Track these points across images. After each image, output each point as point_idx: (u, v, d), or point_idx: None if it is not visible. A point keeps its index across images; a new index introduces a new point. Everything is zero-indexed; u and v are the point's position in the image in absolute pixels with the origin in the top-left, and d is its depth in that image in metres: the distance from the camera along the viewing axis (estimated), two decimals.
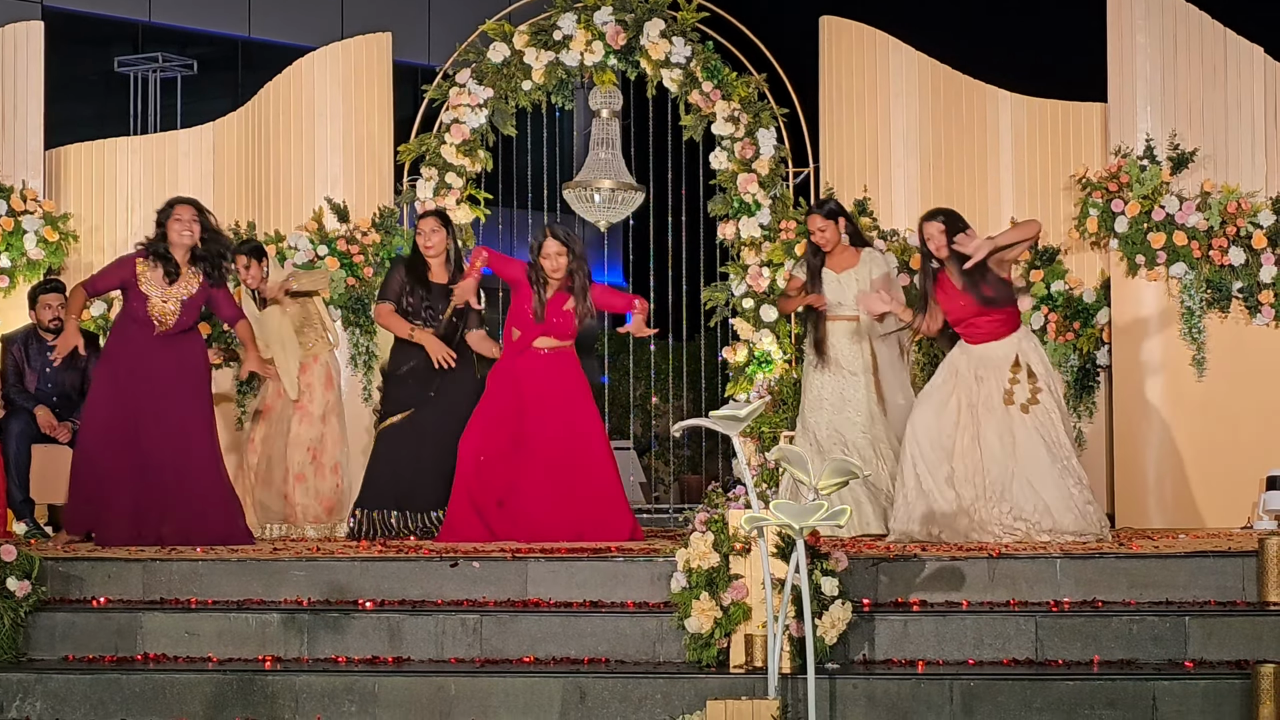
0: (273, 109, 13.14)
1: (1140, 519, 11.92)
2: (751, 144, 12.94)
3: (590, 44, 13.13)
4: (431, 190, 13.09)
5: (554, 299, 11.05)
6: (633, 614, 8.76)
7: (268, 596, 9.26)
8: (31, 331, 12.18)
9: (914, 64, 12.82)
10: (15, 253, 12.81)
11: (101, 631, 9.01)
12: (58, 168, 13.42)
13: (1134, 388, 12.11)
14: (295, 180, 12.97)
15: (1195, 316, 11.99)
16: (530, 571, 9.15)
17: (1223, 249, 11.94)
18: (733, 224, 13.00)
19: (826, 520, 7.43)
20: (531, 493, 10.95)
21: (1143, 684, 8.01)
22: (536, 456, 11.02)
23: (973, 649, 8.50)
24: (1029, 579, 8.90)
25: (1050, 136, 12.65)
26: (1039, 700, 8.01)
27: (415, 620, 8.84)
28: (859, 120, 12.84)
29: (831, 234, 11.30)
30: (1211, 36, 12.29)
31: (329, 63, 13.14)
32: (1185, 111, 12.23)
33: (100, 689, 8.54)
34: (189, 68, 23.32)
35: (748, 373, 12.83)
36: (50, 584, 9.29)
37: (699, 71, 13.04)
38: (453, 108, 13.20)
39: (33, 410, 11.92)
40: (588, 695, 8.25)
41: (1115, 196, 12.06)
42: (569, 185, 14.10)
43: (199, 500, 10.67)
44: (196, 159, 13.36)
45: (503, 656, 8.69)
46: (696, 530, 8.43)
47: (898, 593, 8.86)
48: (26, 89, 13.18)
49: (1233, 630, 8.41)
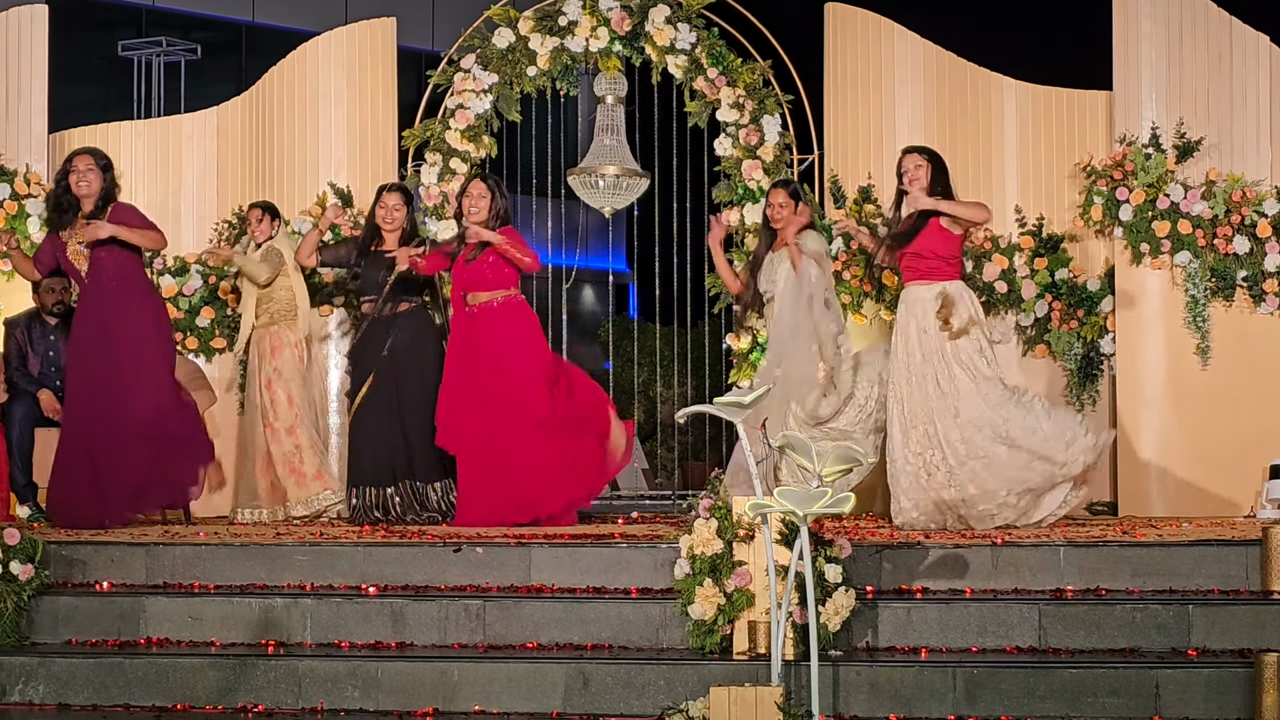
0: (277, 94, 13.13)
1: (1144, 507, 11.91)
2: (756, 130, 12.93)
3: (595, 30, 13.12)
4: (436, 176, 13.07)
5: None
6: (636, 600, 8.77)
7: (271, 581, 9.27)
8: (34, 315, 12.18)
9: (919, 51, 12.80)
10: (19, 236, 12.80)
11: (104, 616, 9.03)
12: (61, 152, 13.36)
13: (1138, 376, 12.10)
14: (299, 165, 12.95)
15: (1200, 305, 11.97)
16: (534, 557, 9.16)
17: (1227, 237, 11.92)
18: (737, 210, 12.99)
19: (831, 508, 7.44)
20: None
21: (1146, 672, 8.02)
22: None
23: (976, 636, 8.50)
24: (1032, 566, 8.91)
25: (1055, 124, 12.63)
26: (1042, 688, 8.01)
27: (419, 605, 8.85)
28: (863, 107, 12.82)
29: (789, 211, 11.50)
30: (1217, 24, 12.27)
31: (333, 48, 13.12)
32: (1190, 100, 12.21)
33: (103, 673, 8.56)
34: (193, 52, 23.29)
35: (751, 360, 12.81)
36: (53, 568, 9.31)
37: (704, 58, 13.02)
38: (457, 93, 13.18)
39: (36, 394, 11.92)
40: (591, 681, 8.26)
41: (1120, 185, 12.04)
42: (573, 171, 14.09)
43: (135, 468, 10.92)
44: (200, 143, 13.35)
45: (506, 642, 8.70)
46: (700, 517, 8.43)
47: (901, 580, 8.87)
48: (30, 72, 13.16)
49: (1236, 619, 8.41)
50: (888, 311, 12.10)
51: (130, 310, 11.02)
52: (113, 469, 10.83)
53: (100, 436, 10.86)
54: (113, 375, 10.90)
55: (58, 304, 12.06)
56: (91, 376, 10.89)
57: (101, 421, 10.86)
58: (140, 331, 11.03)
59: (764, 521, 7.83)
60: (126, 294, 11.03)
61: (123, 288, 11.02)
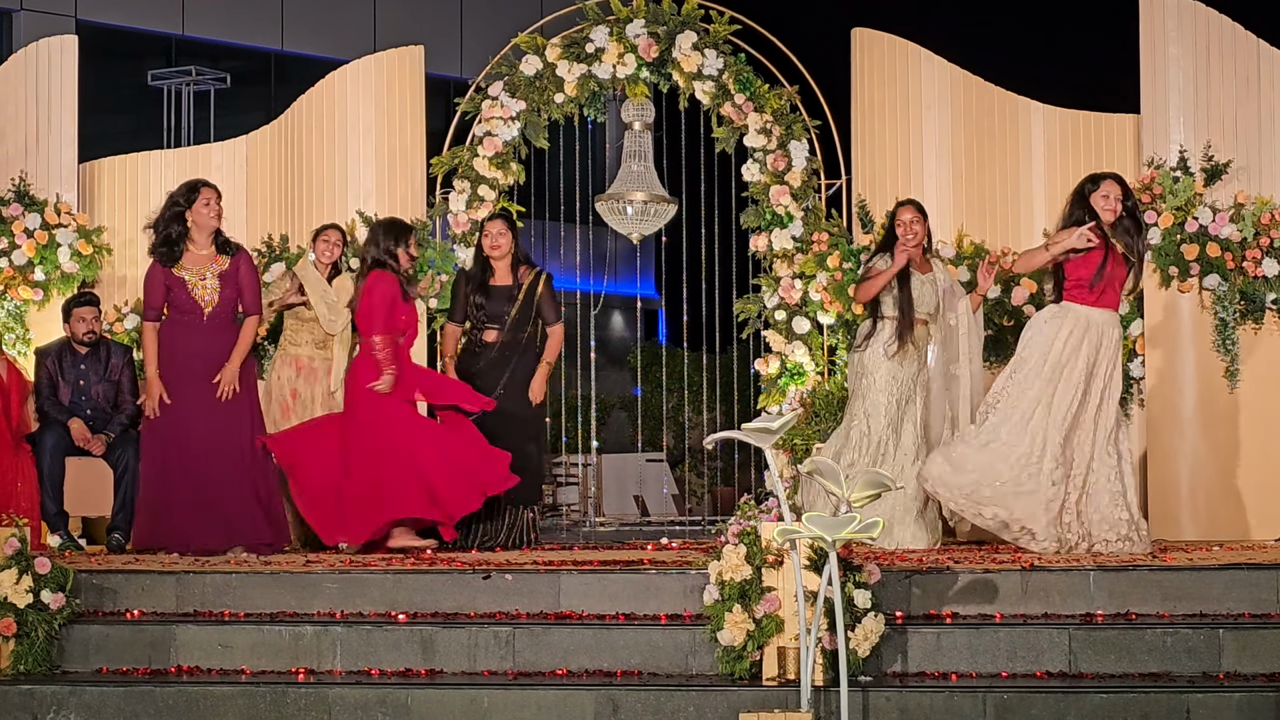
0: (305, 122, 13.17)
1: (1174, 531, 11.88)
2: (784, 156, 12.94)
3: (622, 56, 13.15)
4: (464, 203, 13.11)
5: None
6: (665, 626, 8.76)
7: (300, 609, 9.27)
8: (65, 344, 12.21)
9: (946, 75, 12.81)
10: (49, 266, 12.85)
11: (135, 644, 9.04)
12: (91, 181, 13.46)
13: (1167, 399, 12.08)
14: (328, 193, 12.99)
15: (1228, 328, 11.96)
16: (563, 584, 9.16)
17: (1256, 260, 11.91)
18: (765, 236, 13.00)
19: (860, 533, 7.43)
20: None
21: (1176, 696, 7.99)
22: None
23: (1006, 661, 8.48)
24: (1062, 591, 8.88)
25: (1083, 148, 12.63)
26: (1072, 713, 7.99)
27: (448, 632, 8.85)
28: (891, 132, 12.83)
29: (921, 231, 11.31)
30: (1245, 47, 12.26)
31: (361, 76, 13.16)
32: (1218, 123, 12.20)
33: (134, 701, 8.57)
34: (222, 81, 23.39)
35: (780, 385, 12.82)
36: (84, 596, 9.32)
37: (731, 84, 13.04)
38: (485, 120, 13.21)
39: (66, 423, 11.95)
40: (620, 708, 8.25)
41: (1148, 208, 12.03)
42: (601, 198, 14.11)
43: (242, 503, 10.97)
44: (229, 172, 13.38)
45: (535, 669, 8.70)
46: (729, 542, 8.42)
47: (930, 605, 8.85)
48: (60, 103, 13.22)
49: (1267, 643, 8.38)
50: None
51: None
52: (228, 498, 11.02)
53: (216, 468, 11.04)
54: (235, 412, 11.10)
55: (88, 333, 12.10)
56: (208, 410, 11.05)
57: (216, 455, 11.03)
58: (250, 375, 11.30)
59: (793, 547, 7.83)
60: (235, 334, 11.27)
61: (235, 328, 11.24)
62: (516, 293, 11.66)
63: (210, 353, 11.12)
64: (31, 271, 12.84)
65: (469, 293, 11.72)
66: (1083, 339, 10.28)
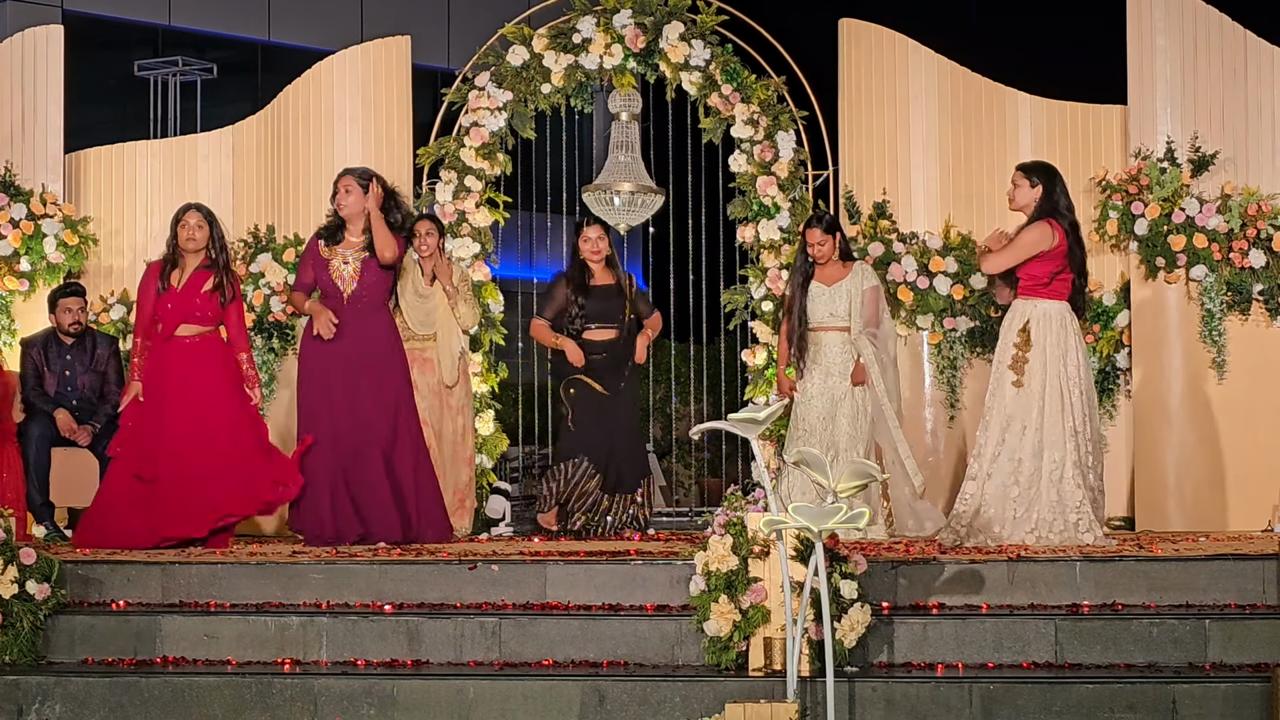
0: (292, 112, 13.15)
1: (1160, 522, 11.89)
2: (771, 147, 12.93)
3: (609, 47, 13.14)
4: (451, 193, 13.09)
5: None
6: (651, 617, 8.77)
7: (286, 599, 9.28)
8: (51, 335, 12.20)
9: (933, 66, 12.79)
10: (35, 256, 12.82)
11: (120, 634, 9.04)
12: (78, 171, 13.44)
13: (1154, 390, 12.08)
14: (315, 183, 12.95)
15: (1215, 319, 11.96)
16: (549, 574, 9.16)
17: (1243, 251, 11.91)
18: (752, 227, 12.99)
19: (845, 524, 7.44)
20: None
21: (1163, 687, 8.00)
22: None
23: (992, 652, 8.49)
24: (1048, 582, 8.90)
25: (1070, 139, 12.63)
26: (1059, 703, 8.00)
27: (434, 623, 8.85)
28: (878, 123, 12.81)
29: (829, 248, 11.36)
30: (1232, 38, 12.26)
31: (348, 66, 13.13)
32: (1205, 114, 12.20)
33: (119, 692, 8.57)
34: (209, 71, 23.35)
35: (767, 375, 12.81)
36: (70, 587, 9.31)
37: (718, 74, 13.03)
38: (472, 111, 13.20)
39: (52, 413, 11.94)
40: (606, 698, 8.26)
41: (1135, 199, 12.03)
42: (588, 188, 14.10)
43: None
44: (216, 162, 13.37)
45: (521, 659, 8.70)
46: (715, 533, 8.43)
47: (916, 596, 8.86)
48: (46, 93, 13.20)
49: (1253, 633, 8.40)
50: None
51: (393, 335, 11.25)
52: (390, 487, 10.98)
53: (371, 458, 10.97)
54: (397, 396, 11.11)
55: (74, 324, 12.08)
56: (370, 393, 11.01)
57: (371, 444, 10.97)
58: (400, 357, 11.26)
59: (779, 537, 7.83)
60: (386, 317, 11.27)
61: (384, 311, 11.27)
62: (621, 293, 12.00)
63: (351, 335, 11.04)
64: (17, 262, 12.80)
65: (570, 294, 11.97)
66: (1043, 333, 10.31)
